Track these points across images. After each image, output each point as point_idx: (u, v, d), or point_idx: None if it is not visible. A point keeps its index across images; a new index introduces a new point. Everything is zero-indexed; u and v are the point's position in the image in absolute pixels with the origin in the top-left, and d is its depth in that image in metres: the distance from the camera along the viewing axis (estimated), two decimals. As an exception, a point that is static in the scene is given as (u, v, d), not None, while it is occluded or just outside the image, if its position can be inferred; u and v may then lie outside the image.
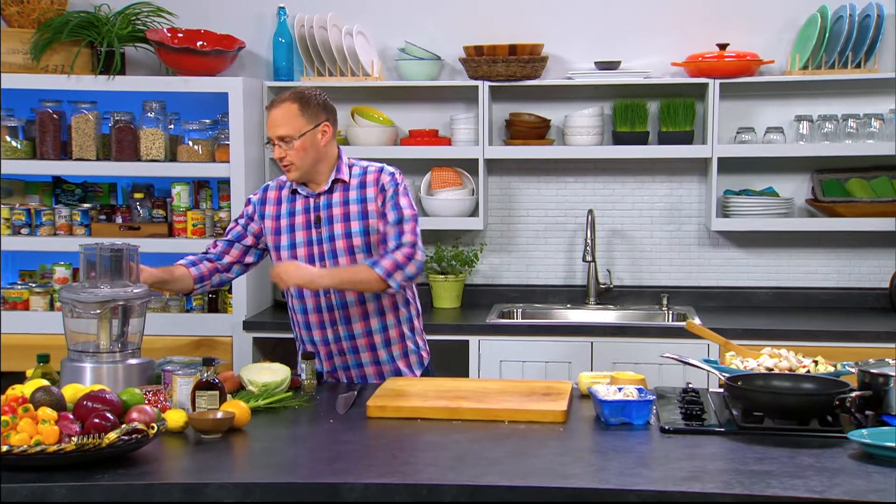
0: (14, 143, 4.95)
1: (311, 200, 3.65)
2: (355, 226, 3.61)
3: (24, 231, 4.97)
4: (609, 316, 5.11)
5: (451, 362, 4.72)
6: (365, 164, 3.72)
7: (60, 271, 4.94)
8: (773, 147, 5.02)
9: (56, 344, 3.46)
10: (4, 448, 2.60)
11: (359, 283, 3.57)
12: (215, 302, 4.92)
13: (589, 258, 5.06)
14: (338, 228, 3.62)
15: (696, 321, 4.73)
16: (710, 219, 5.01)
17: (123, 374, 3.24)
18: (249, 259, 3.77)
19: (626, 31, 5.15)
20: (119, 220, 4.96)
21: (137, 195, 5.01)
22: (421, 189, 5.16)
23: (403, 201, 3.63)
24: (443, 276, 5.12)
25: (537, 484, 2.54)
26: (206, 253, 3.77)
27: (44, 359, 3.38)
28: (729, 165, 5.09)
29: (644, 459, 2.76)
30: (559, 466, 2.68)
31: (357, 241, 3.61)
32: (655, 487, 2.50)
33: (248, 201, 3.79)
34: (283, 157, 3.55)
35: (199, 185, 4.99)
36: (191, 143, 4.91)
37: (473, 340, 4.72)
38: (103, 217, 4.98)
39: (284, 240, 3.67)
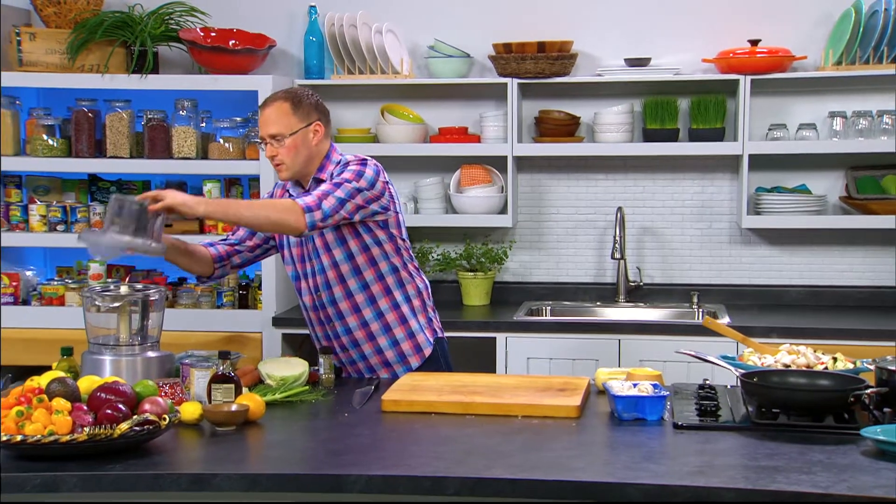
0: (51, 142, 5.02)
1: None
2: (338, 254, 3.63)
3: (59, 228, 5.04)
4: (638, 314, 5.09)
5: (478, 359, 4.72)
6: (348, 157, 3.67)
7: (95, 268, 5.00)
8: (805, 144, 4.97)
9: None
10: (19, 438, 2.65)
11: (265, 217, 3.43)
12: (246, 298, 4.96)
13: (618, 256, 5.04)
14: (325, 259, 3.64)
15: (726, 319, 4.72)
16: (742, 216, 4.98)
17: (142, 366, 3.29)
18: (267, 246, 3.81)
19: (656, 27, 5.12)
20: (151, 216, 5.01)
21: (170, 192, 5.06)
22: (450, 186, 5.17)
23: (347, 175, 3.53)
24: (471, 274, 5.13)
25: (540, 477, 2.54)
26: (225, 239, 3.80)
27: (67, 352, 3.45)
28: (761, 162, 5.05)
29: (652, 454, 2.75)
30: (566, 460, 2.68)
31: (345, 267, 3.63)
32: (659, 481, 2.50)
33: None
34: (275, 156, 3.56)
35: (230, 183, 5.04)
36: (222, 140, 4.95)
37: (500, 337, 4.73)
38: (136, 214, 5.03)
39: (286, 254, 3.76)
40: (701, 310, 5.03)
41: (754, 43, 4.92)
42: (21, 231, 5.05)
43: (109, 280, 4.99)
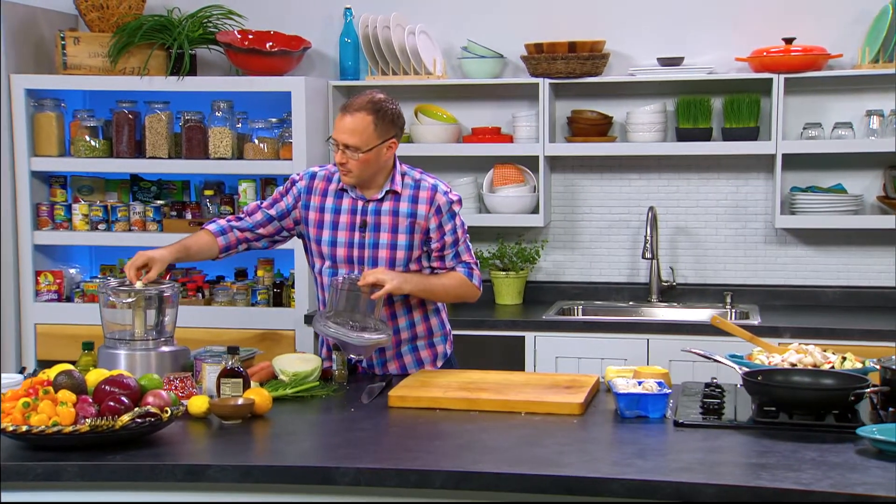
0: (93, 143, 5.14)
1: (360, 203, 3.65)
2: (402, 239, 3.62)
3: (100, 227, 5.16)
4: (670, 314, 5.07)
5: (507, 358, 4.73)
6: (417, 175, 3.69)
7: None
8: (841, 143, 4.91)
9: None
10: (24, 428, 2.73)
11: (455, 297, 3.75)
12: (280, 296, 5.04)
13: (649, 255, 5.03)
14: (383, 238, 3.63)
15: (757, 320, 4.70)
16: (775, 216, 4.94)
17: (156, 361, 3.37)
18: (279, 238, 3.79)
19: (689, 26, 5.10)
20: (189, 216, 5.12)
21: (208, 192, 5.16)
22: (483, 186, 5.20)
23: (458, 221, 3.68)
24: (504, 273, 5.15)
25: (525, 471, 2.57)
26: (239, 218, 3.76)
27: (88, 346, 3.53)
28: (796, 162, 5.00)
29: (644, 451, 2.76)
30: (556, 456, 2.70)
31: (400, 253, 3.62)
32: (642, 477, 2.51)
33: (293, 182, 3.73)
34: (345, 164, 3.54)
35: (265, 182, 5.11)
36: (257, 141, 5.03)
37: (529, 336, 4.74)
38: (174, 213, 5.14)
39: (326, 235, 3.67)
40: (734, 310, 5.00)
41: (789, 41, 4.88)
42: (65, 230, 5.18)
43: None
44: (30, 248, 5.14)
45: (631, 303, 5.19)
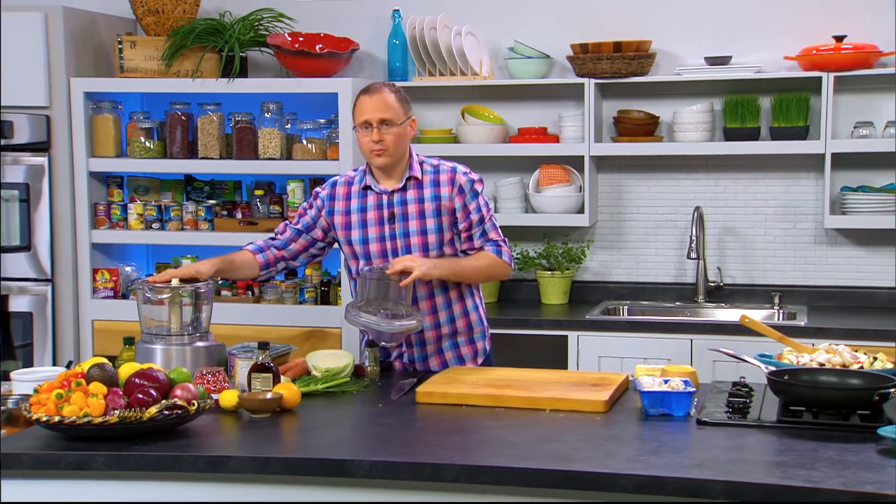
0: (147, 144, 5.25)
1: (385, 197, 3.72)
2: (430, 223, 3.69)
3: (154, 226, 5.27)
4: (716, 314, 5.04)
5: (551, 357, 4.74)
6: (435, 161, 3.78)
7: (186, 264, 5.20)
8: (892, 142, 4.84)
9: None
10: (56, 419, 2.82)
11: (484, 276, 3.80)
12: (327, 294, 5.10)
13: (694, 256, 5.01)
14: (413, 225, 3.69)
15: (804, 321, 4.66)
16: (825, 216, 4.89)
17: (191, 356, 3.44)
18: (314, 251, 3.87)
19: (737, 25, 5.07)
20: (239, 215, 5.20)
21: (258, 192, 5.24)
22: (529, 186, 5.22)
23: (481, 200, 3.75)
24: (549, 273, 5.16)
25: (536, 466, 2.59)
26: (273, 238, 3.88)
27: (129, 341, 3.62)
28: (847, 161, 4.95)
29: (660, 448, 2.76)
30: (572, 452, 2.72)
31: (431, 238, 3.68)
32: (651, 473, 2.52)
33: (316, 195, 3.85)
34: (381, 140, 3.61)
35: (314, 183, 5.17)
36: (305, 141, 5.10)
37: (573, 336, 4.75)
38: (225, 213, 5.23)
39: (356, 234, 3.73)
40: (782, 311, 4.96)
41: (839, 39, 4.83)
42: (121, 229, 5.30)
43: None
44: (87, 247, 5.27)
45: (678, 303, 5.17)
